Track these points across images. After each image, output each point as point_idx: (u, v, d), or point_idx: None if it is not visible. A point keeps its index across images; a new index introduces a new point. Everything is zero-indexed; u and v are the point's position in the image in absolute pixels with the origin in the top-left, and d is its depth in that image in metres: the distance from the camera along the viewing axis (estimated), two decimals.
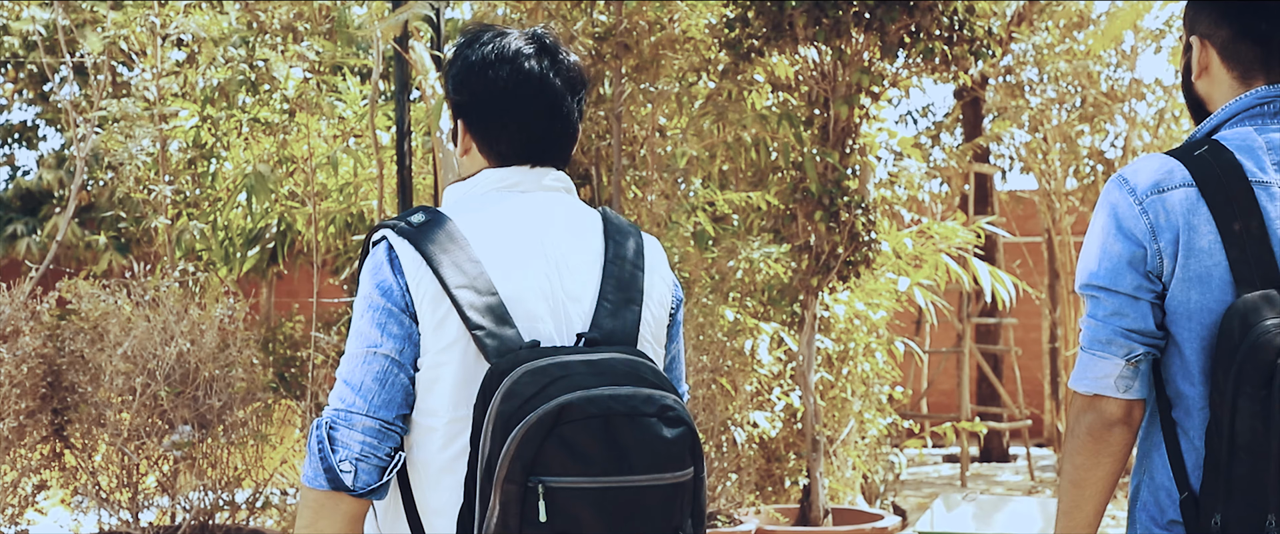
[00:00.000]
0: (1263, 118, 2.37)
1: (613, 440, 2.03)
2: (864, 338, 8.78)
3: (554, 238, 2.32)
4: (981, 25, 7.40)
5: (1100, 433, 2.35)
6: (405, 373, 2.22)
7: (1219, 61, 2.44)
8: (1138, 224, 2.32)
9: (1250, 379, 2.15)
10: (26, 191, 16.43)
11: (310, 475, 2.21)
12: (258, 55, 7.96)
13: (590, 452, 2.02)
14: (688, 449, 2.11)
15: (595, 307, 2.28)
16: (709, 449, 7.31)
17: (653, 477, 2.05)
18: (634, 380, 2.09)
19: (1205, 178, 2.29)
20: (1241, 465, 2.17)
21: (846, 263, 7.55)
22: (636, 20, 7.80)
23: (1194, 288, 2.28)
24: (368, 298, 2.25)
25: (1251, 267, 2.25)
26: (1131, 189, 2.34)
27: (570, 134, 2.43)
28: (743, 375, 7.49)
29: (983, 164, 13.26)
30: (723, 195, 8.57)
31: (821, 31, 7.20)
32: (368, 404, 2.19)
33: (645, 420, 2.06)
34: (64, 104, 7.76)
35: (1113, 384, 2.33)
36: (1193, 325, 2.29)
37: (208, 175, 8.44)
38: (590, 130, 8.44)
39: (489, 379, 2.10)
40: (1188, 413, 2.32)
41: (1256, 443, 2.15)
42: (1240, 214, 2.26)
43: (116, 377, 6.41)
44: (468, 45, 2.42)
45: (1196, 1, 2.48)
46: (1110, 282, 2.33)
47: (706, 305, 7.50)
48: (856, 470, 8.75)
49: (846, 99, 7.47)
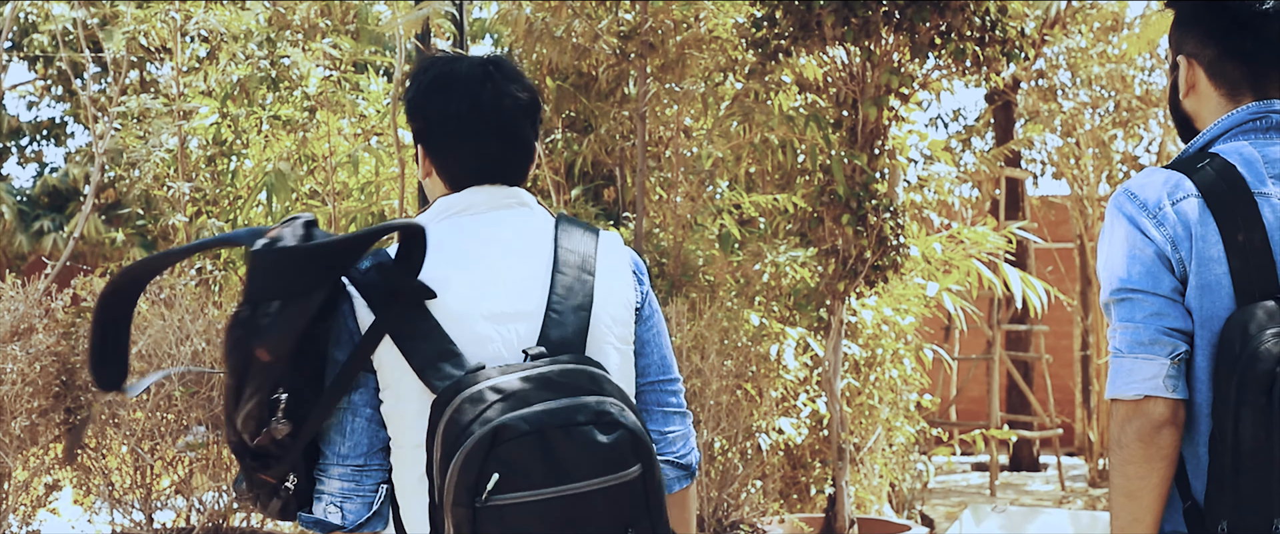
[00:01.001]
0: (1256, 132, 2.44)
1: (549, 453, 2.13)
2: (892, 344, 8.65)
3: (502, 256, 2.41)
4: (1014, 26, 7.26)
5: (1150, 436, 2.32)
6: (362, 416, 2.34)
7: (1207, 79, 2.50)
8: (1158, 233, 2.35)
9: (1252, 388, 2.19)
10: (54, 189, 16.44)
11: (309, 525, 2.36)
12: (279, 52, 7.87)
13: (529, 468, 2.11)
14: (629, 450, 2.19)
15: (543, 319, 2.35)
16: (733, 456, 7.19)
17: (594, 482, 2.14)
18: (570, 391, 2.19)
19: (1210, 189, 2.34)
20: (1247, 474, 2.21)
21: (874, 267, 7.42)
22: (662, 19, 7.70)
23: (1205, 296, 2.32)
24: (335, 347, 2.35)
25: (1253, 277, 2.30)
26: (1143, 202, 2.38)
27: (526, 155, 2.54)
28: (768, 381, 7.37)
29: (1014, 169, 13.10)
30: (749, 198, 8.46)
31: (850, 31, 7.07)
32: (335, 455, 2.34)
33: (579, 429, 2.15)
34: (84, 100, 7.69)
35: (1161, 384, 2.31)
36: (1203, 333, 2.33)
37: (228, 173, 8.37)
38: (614, 130, 8.34)
39: (433, 410, 2.20)
40: (1193, 420, 2.34)
41: (1260, 451, 2.19)
42: (1244, 225, 2.32)
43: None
44: (422, 72, 2.51)
45: (1183, 23, 2.53)
46: (1150, 284, 2.34)
47: (731, 309, 7.37)
48: (883, 478, 8.62)
49: (875, 100, 7.34)
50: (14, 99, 17.73)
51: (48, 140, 18.07)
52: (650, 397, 2.55)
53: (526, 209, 2.52)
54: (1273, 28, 2.44)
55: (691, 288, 7.76)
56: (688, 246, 7.98)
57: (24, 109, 19.26)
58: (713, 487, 7.08)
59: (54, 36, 10.59)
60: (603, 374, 2.27)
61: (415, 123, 2.50)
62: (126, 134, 7.67)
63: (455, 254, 2.39)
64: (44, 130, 17.93)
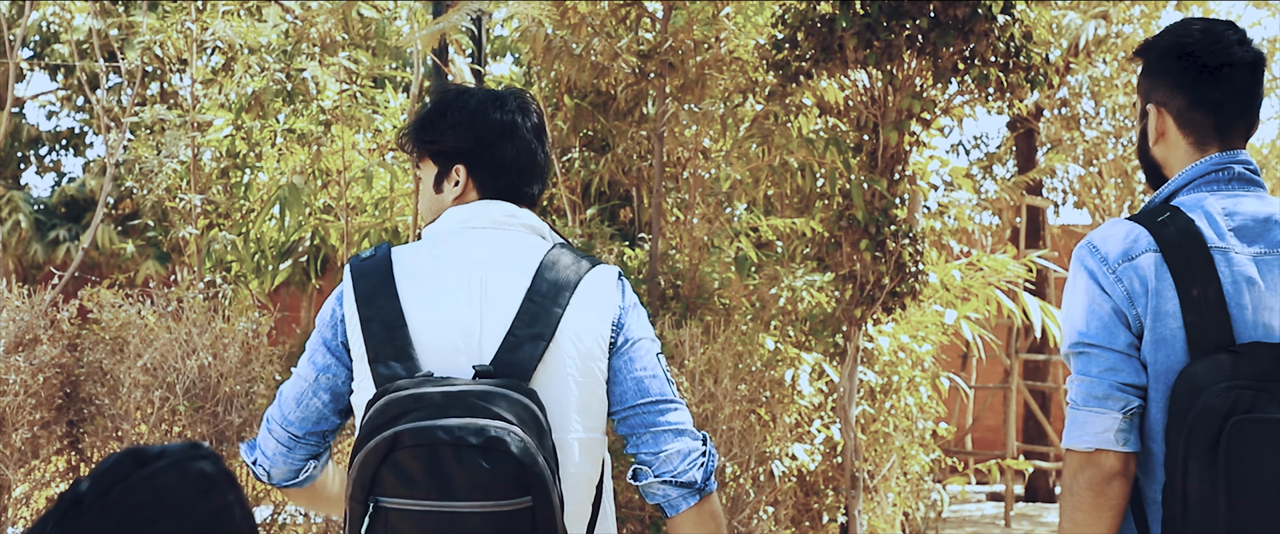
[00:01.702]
0: (1218, 184, 2.51)
1: (437, 468, 2.24)
2: (908, 371, 8.54)
3: (491, 273, 2.54)
4: (1038, 53, 7.16)
5: (1101, 487, 2.40)
6: (321, 397, 2.57)
7: (1175, 128, 2.56)
8: (1116, 289, 2.43)
9: (1199, 441, 2.26)
10: (71, 198, 16.41)
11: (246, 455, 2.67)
12: (295, 65, 7.81)
13: (416, 477, 2.25)
14: (511, 482, 2.26)
15: (501, 340, 2.47)
16: (745, 481, 7.08)
17: (474, 504, 2.24)
18: (479, 413, 2.27)
19: (1167, 244, 2.41)
20: (1194, 526, 2.28)
21: (892, 294, 7.32)
22: (683, 39, 7.62)
23: (1160, 349, 2.40)
24: (317, 324, 2.59)
25: (1207, 332, 2.36)
26: (1104, 257, 2.45)
27: (544, 176, 2.74)
28: (781, 406, 7.26)
29: (1036, 197, 12.98)
30: (767, 221, 8.36)
31: (872, 55, 6.98)
32: (283, 417, 2.59)
33: (469, 452, 2.24)
34: (97, 109, 7.64)
35: (1112, 437, 2.39)
36: (1158, 386, 2.40)
37: (241, 186, 8.29)
38: (632, 150, 8.25)
39: (366, 407, 2.34)
40: (1149, 470, 2.43)
41: (1206, 503, 2.26)
42: (1199, 280, 2.38)
43: (135, 389, 6.25)
44: (457, 98, 2.70)
45: (1153, 72, 2.60)
46: (1105, 339, 2.42)
47: (746, 333, 7.27)
48: (897, 507, 8.50)
49: (896, 125, 7.25)
50: (34, 108, 17.75)
51: (66, 150, 18.07)
52: (634, 420, 2.60)
53: (526, 232, 2.64)
54: (1239, 77, 2.52)
55: (706, 311, 7.66)
56: (703, 269, 7.89)
57: (43, 119, 19.28)
58: (723, 512, 6.97)
59: (74, 46, 10.57)
60: (526, 403, 2.34)
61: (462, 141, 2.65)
62: (139, 145, 7.61)
63: (449, 265, 2.54)
64: (63, 140, 17.93)
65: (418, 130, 2.71)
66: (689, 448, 2.59)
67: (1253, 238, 2.45)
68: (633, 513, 6.96)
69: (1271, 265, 2.44)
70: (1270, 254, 2.45)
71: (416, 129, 2.72)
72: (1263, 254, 2.44)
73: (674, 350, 6.87)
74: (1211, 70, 2.51)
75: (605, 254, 7.61)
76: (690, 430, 2.62)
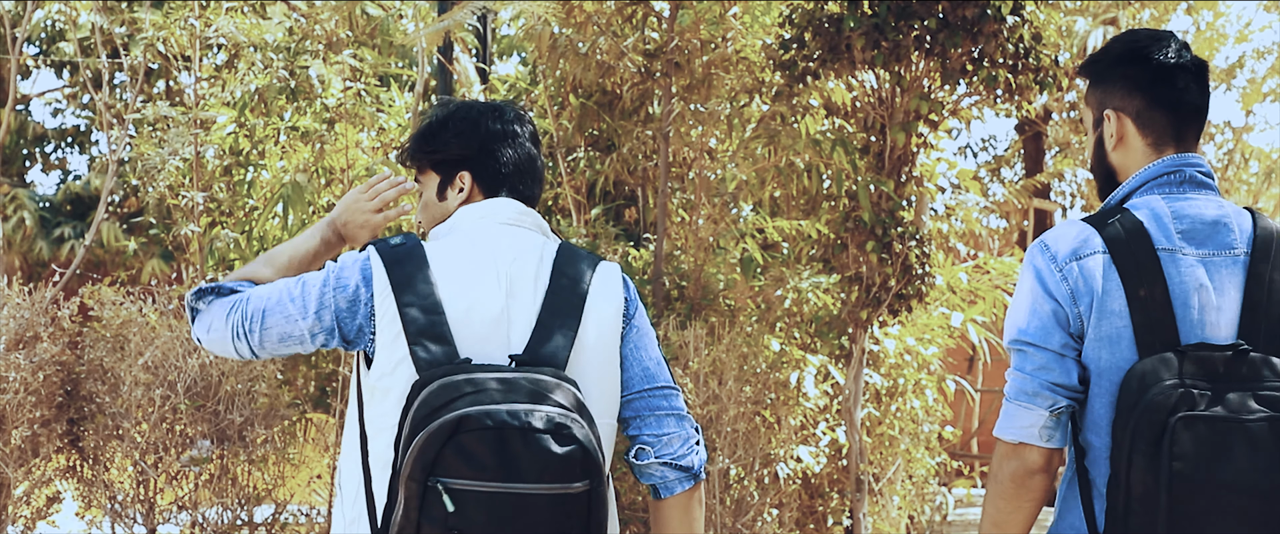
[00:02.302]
0: (1170, 185, 2.59)
1: (504, 451, 2.33)
2: (914, 374, 8.49)
3: (514, 266, 2.64)
4: (1048, 55, 7.11)
5: (1022, 479, 2.52)
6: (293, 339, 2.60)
7: (1134, 130, 2.64)
8: (1060, 288, 2.51)
9: (1144, 436, 2.34)
10: (76, 196, 16.41)
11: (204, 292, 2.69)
12: (299, 62, 7.75)
13: (483, 459, 2.31)
14: (578, 465, 2.38)
15: (532, 330, 2.58)
16: (749, 484, 7.03)
17: (540, 486, 2.33)
18: (540, 400, 2.39)
19: (1115, 245, 2.50)
20: (1136, 516, 2.37)
21: (898, 296, 7.28)
22: (689, 38, 7.57)
23: (1105, 348, 2.48)
24: (325, 282, 2.59)
25: (1153, 331, 2.44)
26: (1053, 256, 2.54)
27: (542, 180, 2.88)
28: (786, 409, 7.21)
29: (1043, 200, 12.93)
30: (773, 222, 8.31)
31: (880, 55, 6.94)
32: (259, 338, 2.60)
33: (536, 436, 2.35)
34: (99, 106, 7.60)
35: (1036, 433, 2.49)
36: (1103, 383, 2.48)
37: (244, 184, 8.25)
38: (637, 150, 8.21)
39: (412, 389, 2.41)
40: (1095, 463, 2.51)
41: (1148, 496, 2.34)
42: (1146, 281, 2.47)
43: (135, 388, 6.22)
44: (458, 109, 2.82)
45: (1106, 80, 2.68)
46: (1040, 338, 2.51)
47: (751, 335, 7.22)
48: (902, 510, 8.45)
49: (904, 126, 7.20)
50: (39, 105, 17.75)
51: (72, 147, 18.07)
52: (640, 404, 2.73)
53: (537, 233, 2.76)
54: (1191, 79, 2.62)
55: (711, 312, 7.62)
56: (708, 270, 7.84)
57: (49, 116, 19.29)
58: (728, 515, 6.92)
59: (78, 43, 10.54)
60: (572, 390, 2.47)
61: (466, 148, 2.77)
62: (142, 142, 7.56)
63: (475, 257, 2.63)
64: (68, 137, 17.93)
65: (420, 142, 2.80)
66: (689, 434, 2.74)
67: (1201, 240, 2.53)
68: (635, 515, 6.91)
69: (1220, 267, 2.52)
70: (1219, 256, 2.52)
71: (419, 141, 2.81)
72: (1211, 256, 2.52)
73: (678, 352, 6.82)
74: (1166, 71, 2.60)
75: (610, 254, 7.57)
76: (689, 417, 2.77)
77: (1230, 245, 2.53)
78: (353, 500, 2.57)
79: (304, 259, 2.80)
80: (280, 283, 2.62)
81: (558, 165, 8.63)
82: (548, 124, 8.65)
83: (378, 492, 2.51)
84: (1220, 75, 12.67)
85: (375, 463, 2.54)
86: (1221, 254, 2.52)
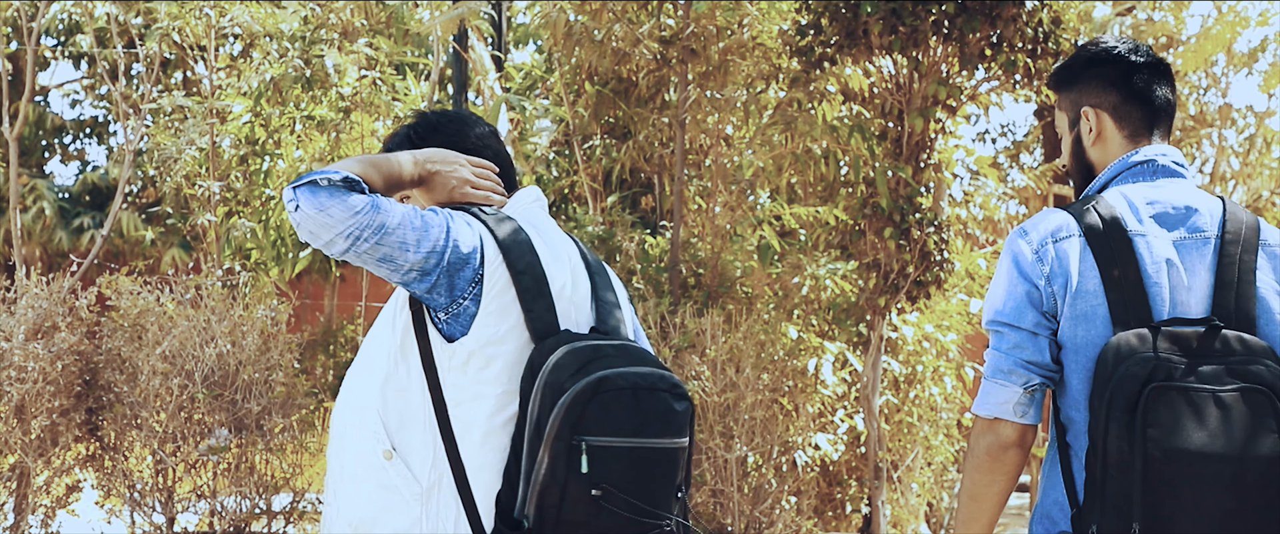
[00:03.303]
0: (1144, 175, 2.76)
1: (639, 409, 2.49)
2: (933, 361, 8.45)
3: (568, 247, 2.79)
4: (1068, 39, 7.06)
5: (997, 454, 2.67)
6: (401, 259, 2.54)
7: (1111, 124, 2.82)
8: (1035, 270, 2.66)
9: (1120, 405, 2.45)
10: (94, 186, 16.45)
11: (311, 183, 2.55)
12: (314, 52, 7.74)
13: (622, 417, 2.47)
14: (688, 421, 2.60)
15: (595, 306, 2.76)
16: (767, 471, 7.01)
17: (666, 441, 2.53)
18: (649, 363, 2.57)
19: (1090, 229, 2.66)
20: (1112, 482, 2.47)
21: (916, 283, 7.24)
22: (705, 24, 7.54)
23: (1080, 325, 2.62)
24: (446, 230, 2.58)
25: (1127, 308, 2.59)
26: (1030, 240, 2.69)
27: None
28: (804, 396, 7.19)
29: (1063, 186, 12.86)
30: (790, 209, 8.27)
31: (898, 40, 6.89)
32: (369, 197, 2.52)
33: (661, 394, 2.53)
34: (116, 96, 7.60)
35: (1011, 410, 2.64)
36: (1080, 359, 2.62)
37: (260, 173, 8.25)
38: (654, 137, 8.18)
39: (536, 355, 2.54)
40: (1076, 437, 2.63)
41: (1123, 461, 2.45)
42: (1119, 261, 2.62)
43: (154, 377, 6.22)
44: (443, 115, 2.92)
45: (1079, 82, 2.85)
46: (1014, 318, 2.66)
47: (768, 322, 7.20)
48: (921, 498, 8.42)
49: (922, 111, 7.15)
50: (58, 97, 17.79)
51: (90, 138, 18.11)
52: None
53: None
54: (1158, 75, 2.81)
55: (728, 299, 7.59)
56: (725, 257, 7.81)
57: (67, 108, 19.33)
58: (746, 502, 6.90)
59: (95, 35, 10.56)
60: (656, 356, 2.65)
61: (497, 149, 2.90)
62: (158, 132, 7.57)
63: (545, 236, 2.75)
64: (87, 128, 17.97)
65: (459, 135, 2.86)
66: None
67: (1173, 224, 2.68)
68: None
69: (1190, 249, 2.67)
70: (1189, 238, 2.68)
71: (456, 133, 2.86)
72: (1183, 239, 2.68)
73: (695, 339, 6.80)
74: (1135, 67, 2.79)
75: (626, 242, 7.55)
76: None
77: (1200, 228, 2.68)
78: (421, 463, 2.59)
79: (396, 183, 2.74)
80: (404, 207, 2.58)
81: (574, 153, 8.60)
82: (564, 112, 8.63)
83: (471, 455, 2.58)
84: (1242, 59, 12.58)
85: (464, 428, 2.59)
86: (1192, 237, 2.68)
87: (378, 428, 2.64)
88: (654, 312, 6.88)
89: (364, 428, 2.66)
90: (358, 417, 2.68)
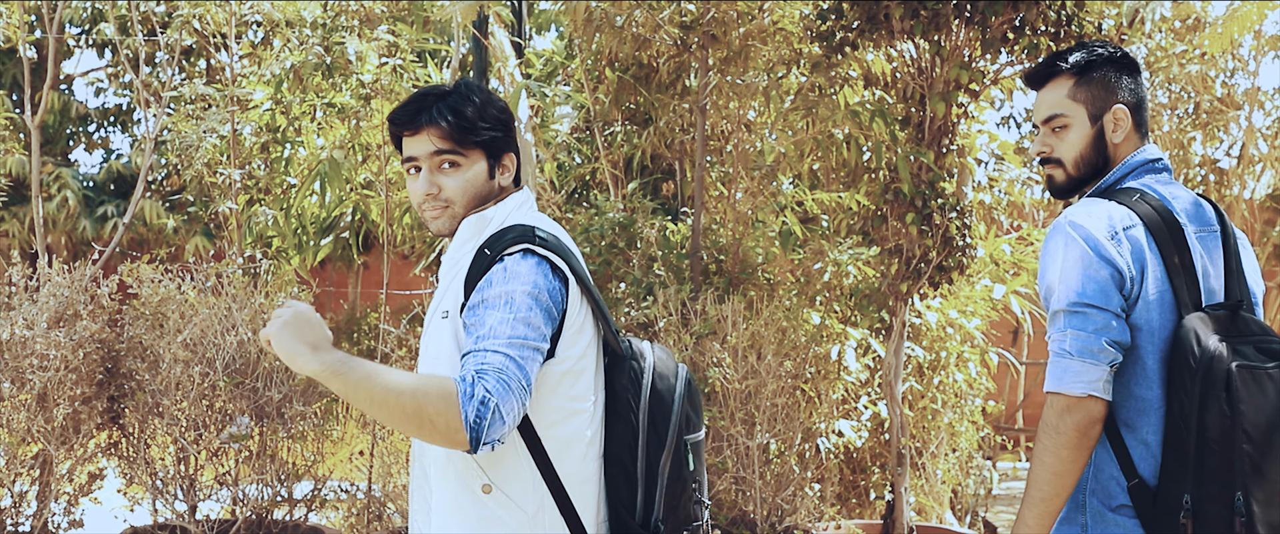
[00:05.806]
0: (1154, 172, 3.05)
1: (696, 405, 2.82)
2: (957, 347, 8.40)
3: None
4: (1091, 22, 6.99)
5: (1087, 429, 2.81)
6: (539, 356, 2.64)
7: (1131, 123, 3.09)
8: (1116, 255, 2.85)
9: (1213, 385, 2.68)
10: (119, 174, 16.49)
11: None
12: (335, 39, 7.73)
13: (694, 415, 2.79)
14: None
15: None
16: (790, 458, 6.98)
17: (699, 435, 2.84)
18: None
19: (1149, 219, 2.90)
20: (1212, 455, 2.68)
21: (939, 268, 7.19)
22: (726, 10, 7.50)
23: (1154, 309, 2.85)
24: (536, 292, 2.63)
25: (1188, 293, 2.85)
26: (1100, 227, 2.88)
27: None
28: (827, 383, 7.15)
29: None
30: (811, 195, 8.23)
31: (919, 24, 6.84)
32: (523, 390, 2.54)
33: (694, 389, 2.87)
34: (137, 85, 7.61)
35: (1100, 387, 2.81)
36: (1155, 340, 2.85)
37: (281, 160, 8.24)
38: (674, 123, 8.15)
39: (627, 365, 2.77)
40: (1142, 412, 2.85)
41: (1225, 435, 2.67)
42: (1177, 250, 2.88)
43: (175, 365, 6.23)
44: (484, 90, 2.96)
45: (1109, 81, 3.08)
46: (1102, 301, 2.83)
47: (790, 309, 7.16)
48: (946, 484, 8.38)
49: (944, 96, 7.10)
50: (82, 85, 17.84)
51: (115, 127, 18.14)
52: None
53: None
54: (1143, 83, 3.12)
55: (749, 286, 7.56)
56: (747, 244, 7.78)
57: (92, 96, 19.39)
58: (768, 489, 6.88)
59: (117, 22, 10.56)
60: None
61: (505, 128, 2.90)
62: (179, 120, 7.57)
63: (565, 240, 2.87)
64: (111, 117, 18.00)
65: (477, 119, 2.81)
66: None
67: (1194, 219, 2.98)
68: None
69: (1207, 241, 2.98)
70: (1204, 231, 2.99)
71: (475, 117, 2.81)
72: (1201, 231, 2.98)
73: (717, 326, 6.78)
74: (1138, 72, 3.08)
75: (647, 228, 7.52)
76: None
77: (1209, 222, 3.01)
78: (522, 491, 2.67)
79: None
80: (511, 335, 2.56)
81: (595, 139, 8.58)
82: (584, 98, 8.60)
83: (571, 471, 2.69)
84: (1270, 41, 12.44)
85: (561, 447, 2.69)
86: (1206, 230, 3.00)
87: (469, 465, 2.69)
88: (675, 298, 6.86)
89: (449, 468, 2.72)
90: (444, 456, 2.74)
